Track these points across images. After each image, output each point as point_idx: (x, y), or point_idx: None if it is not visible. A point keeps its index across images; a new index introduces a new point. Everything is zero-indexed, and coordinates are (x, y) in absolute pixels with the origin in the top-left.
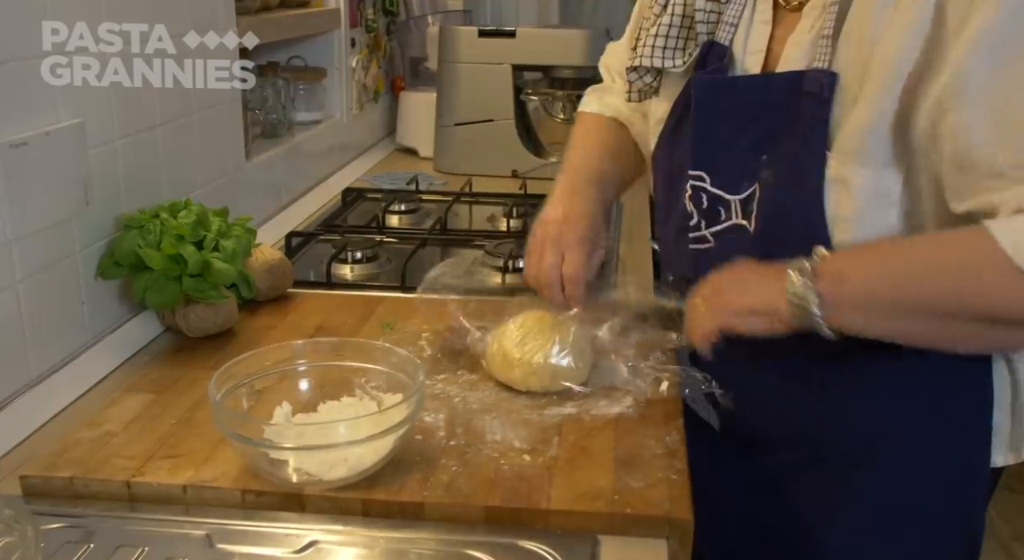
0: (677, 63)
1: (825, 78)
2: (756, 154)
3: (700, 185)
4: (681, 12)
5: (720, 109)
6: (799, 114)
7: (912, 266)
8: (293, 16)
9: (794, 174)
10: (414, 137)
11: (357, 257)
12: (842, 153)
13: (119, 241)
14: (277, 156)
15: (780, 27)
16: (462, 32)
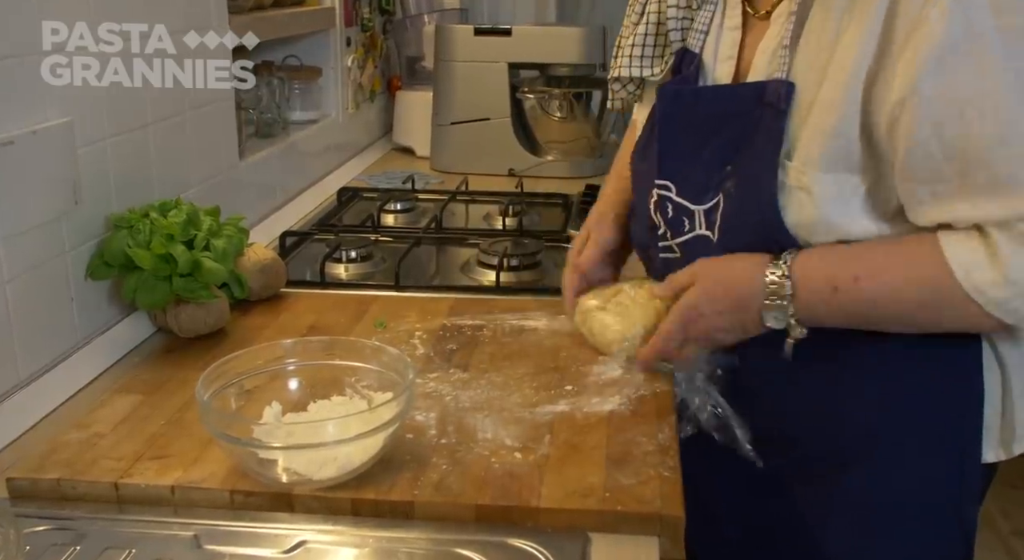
0: (655, 71)
1: (783, 88)
2: (721, 165)
3: (666, 194)
4: (655, 20)
5: (684, 120)
6: (759, 125)
7: (881, 317)
8: (287, 15)
9: (752, 185)
10: (411, 136)
11: (351, 256)
12: (802, 160)
13: (108, 241)
14: (272, 155)
15: (750, 34)
16: (458, 31)
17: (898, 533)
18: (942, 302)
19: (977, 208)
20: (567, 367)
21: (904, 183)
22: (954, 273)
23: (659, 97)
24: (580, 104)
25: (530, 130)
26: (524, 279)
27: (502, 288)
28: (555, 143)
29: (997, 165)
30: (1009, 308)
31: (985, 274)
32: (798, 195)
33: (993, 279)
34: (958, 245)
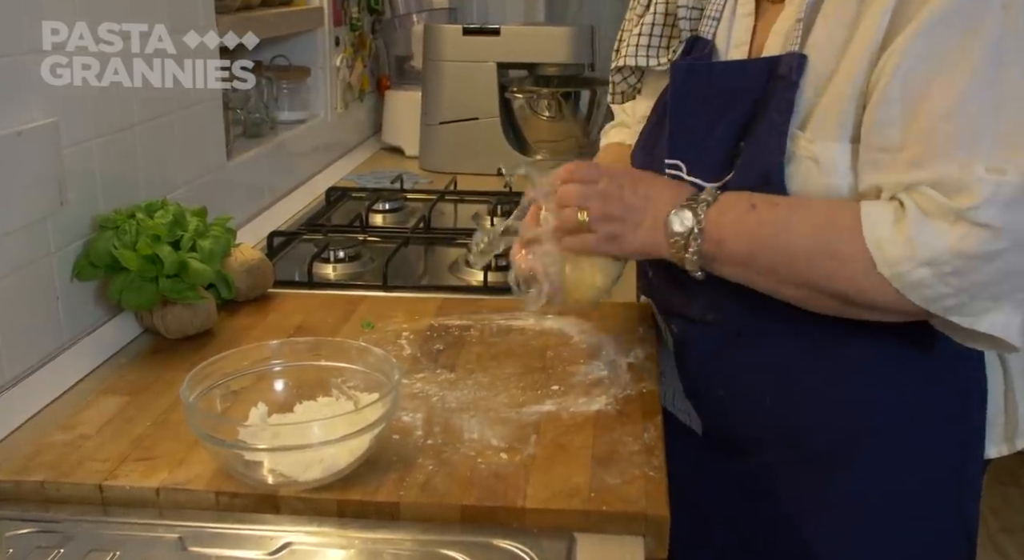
0: (661, 61)
1: (795, 61)
2: (733, 141)
3: (676, 174)
4: (663, 11)
5: (697, 96)
6: (771, 97)
7: (787, 242)
8: (275, 14)
9: (759, 155)
10: (400, 136)
11: (339, 256)
12: (815, 130)
13: (94, 242)
14: (260, 156)
15: (763, 19)
16: (447, 30)
17: (898, 532)
18: (841, 249)
19: (901, 174)
20: (554, 367)
21: (864, 148)
22: (862, 223)
23: (673, 72)
24: (569, 104)
25: (519, 130)
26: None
27: (490, 288)
28: (544, 142)
29: (942, 139)
30: (900, 269)
31: (887, 228)
32: (805, 164)
33: (892, 235)
34: (873, 205)
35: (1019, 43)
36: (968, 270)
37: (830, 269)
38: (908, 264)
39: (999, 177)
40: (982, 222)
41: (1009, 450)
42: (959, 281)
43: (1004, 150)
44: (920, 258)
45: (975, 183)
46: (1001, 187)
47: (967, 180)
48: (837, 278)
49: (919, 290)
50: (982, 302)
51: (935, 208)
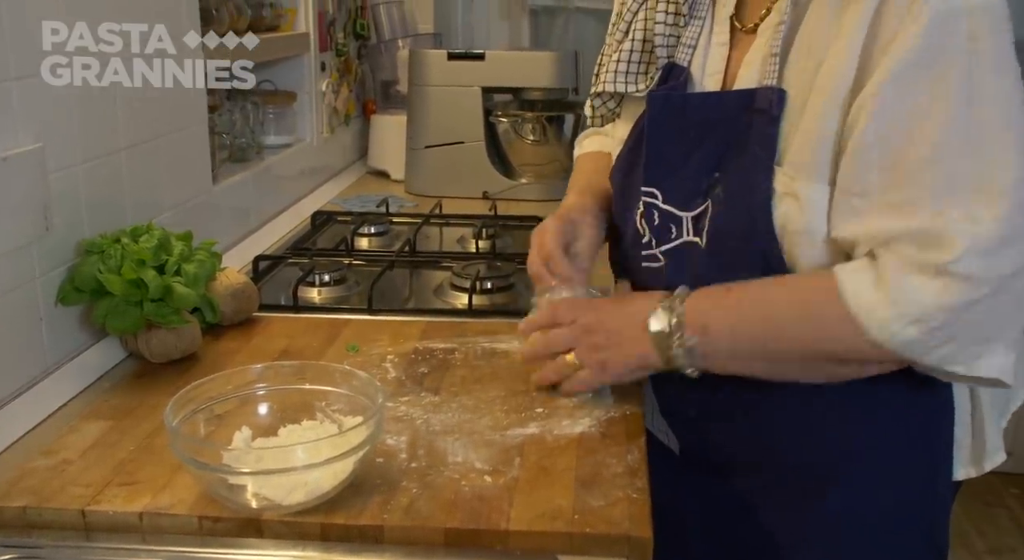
0: (640, 87)
1: (774, 95)
2: (708, 171)
3: (652, 202)
4: (642, 37)
5: (673, 126)
6: (750, 131)
7: (772, 315)
8: (262, 40)
9: (744, 190)
10: (386, 160)
11: (325, 280)
12: (792, 167)
13: (79, 266)
14: (245, 180)
15: (737, 49)
16: (432, 55)
17: (874, 553)
18: (827, 324)
19: (877, 223)
20: (538, 389)
21: (840, 191)
22: (842, 294)
23: (649, 102)
24: (553, 127)
25: (504, 153)
26: (497, 302)
27: (475, 311)
28: (529, 166)
29: (913, 189)
30: (890, 330)
31: (870, 294)
32: (787, 201)
33: (877, 299)
34: (850, 271)
35: (989, 77)
36: (954, 321)
37: (819, 337)
38: (897, 324)
39: (975, 226)
40: (963, 273)
41: (977, 472)
42: (947, 332)
43: (979, 196)
44: (908, 317)
45: (952, 235)
46: (978, 236)
47: (944, 232)
48: (829, 346)
49: (911, 346)
50: (974, 348)
51: (913, 264)
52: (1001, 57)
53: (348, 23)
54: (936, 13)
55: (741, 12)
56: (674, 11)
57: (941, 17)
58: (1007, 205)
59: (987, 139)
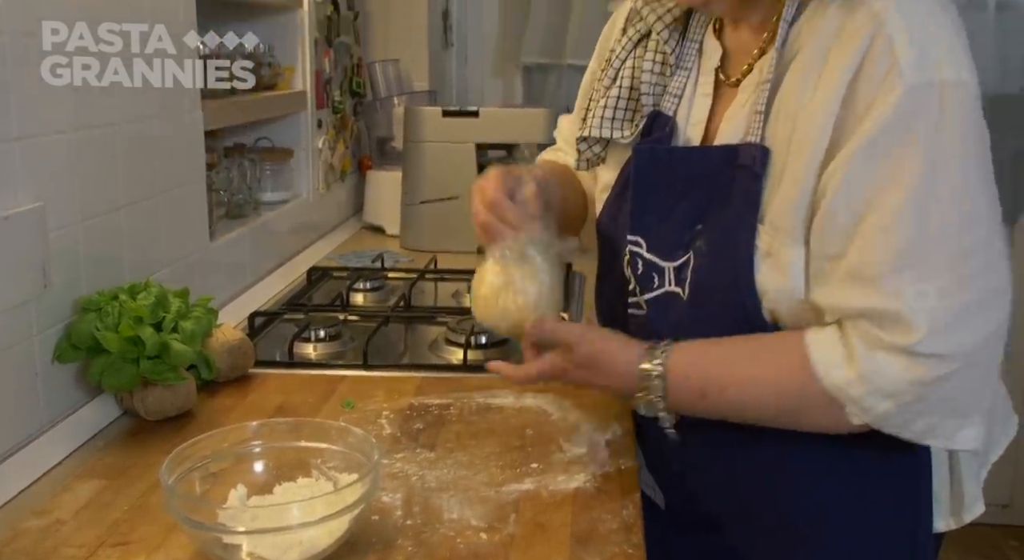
0: (625, 134)
1: (758, 152)
2: (691, 223)
3: (637, 250)
4: (629, 85)
5: (658, 178)
6: (733, 186)
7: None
8: (261, 99)
9: (727, 245)
10: (381, 215)
11: (320, 336)
12: (772, 227)
13: (77, 324)
14: (242, 236)
15: (720, 101)
16: (427, 112)
17: None
18: (807, 404)
19: (842, 296)
20: (533, 445)
21: (812, 255)
22: (816, 372)
23: (635, 155)
24: None
25: None
26: (491, 356)
27: (469, 366)
28: None
29: (871, 256)
30: (864, 406)
31: (842, 372)
32: (769, 260)
33: (849, 377)
34: (821, 345)
35: (954, 152)
36: (927, 396)
37: (798, 422)
38: (870, 400)
39: (926, 302)
40: (928, 353)
41: (956, 524)
42: (922, 407)
43: (929, 271)
44: (880, 392)
45: (911, 315)
46: (934, 314)
47: (902, 312)
48: (807, 425)
49: (887, 420)
50: (952, 421)
51: (878, 344)
52: (969, 132)
53: (345, 81)
54: (909, 86)
55: (726, 65)
56: (661, 61)
57: (914, 90)
58: (953, 279)
59: (944, 212)
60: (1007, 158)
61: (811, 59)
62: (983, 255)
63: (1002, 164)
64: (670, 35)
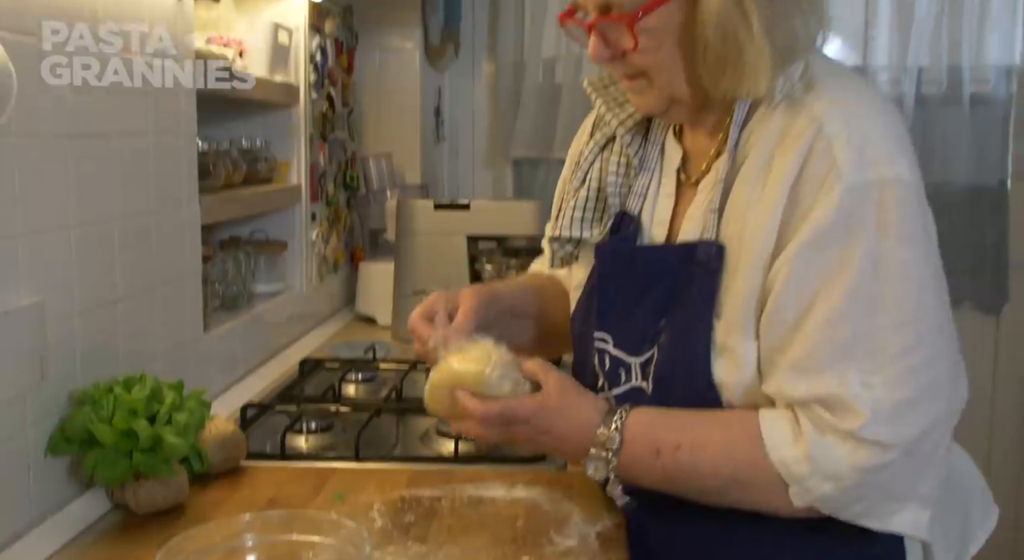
0: (594, 233)
1: (713, 249)
2: (656, 319)
3: (604, 347)
4: (596, 186)
5: (621, 276)
6: (691, 283)
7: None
8: (257, 193)
9: (686, 340)
10: (373, 306)
11: (312, 428)
12: (727, 322)
13: (71, 416)
14: (236, 328)
15: (682, 200)
16: (419, 205)
17: None
18: (754, 477)
19: (789, 384)
20: (524, 537)
21: (762, 348)
22: (765, 447)
23: (597, 254)
24: None
25: None
26: (482, 448)
27: (461, 458)
28: None
29: (817, 349)
30: (807, 486)
31: (790, 450)
32: (725, 354)
33: (796, 455)
34: (773, 422)
35: (894, 247)
36: (866, 481)
37: (744, 497)
38: (812, 480)
39: (869, 392)
40: (871, 439)
41: None
42: (860, 491)
43: (871, 362)
44: (823, 474)
45: (856, 401)
46: (877, 403)
47: (847, 398)
48: (751, 501)
49: (827, 502)
50: (887, 504)
51: (826, 427)
52: (909, 228)
53: (339, 175)
54: (848, 185)
55: (686, 166)
56: (625, 163)
57: (853, 189)
58: (896, 371)
59: (885, 307)
60: (987, 248)
61: (759, 160)
62: (927, 349)
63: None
64: (632, 139)
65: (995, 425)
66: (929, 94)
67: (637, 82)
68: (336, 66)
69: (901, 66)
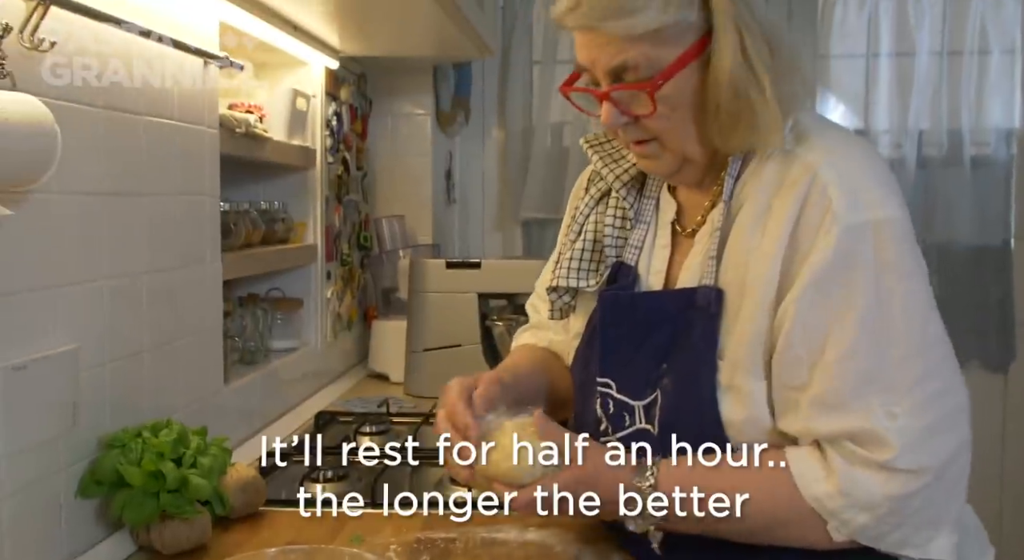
0: (591, 283)
1: (712, 294)
2: (657, 363)
3: (607, 391)
4: (592, 238)
5: (622, 322)
6: (692, 327)
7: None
8: (274, 252)
9: (691, 382)
10: (386, 363)
11: (328, 476)
12: (731, 363)
13: (101, 460)
14: (254, 381)
15: (677, 251)
16: (431, 264)
17: None
18: (793, 516)
19: (814, 422)
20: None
21: (776, 387)
22: (797, 485)
23: (600, 301)
24: None
25: (499, 355)
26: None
27: (474, 504)
28: None
29: (836, 384)
30: (843, 518)
31: (822, 486)
32: (731, 394)
33: (828, 491)
34: (801, 460)
35: (894, 282)
36: (902, 509)
37: (781, 534)
38: (848, 513)
39: (895, 422)
40: (903, 468)
41: None
42: (896, 519)
43: (894, 395)
44: (857, 506)
45: (886, 433)
46: (905, 433)
47: (877, 431)
48: (794, 538)
49: (865, 533)
50: (924, 531)
51: (857, 460)
52: (907, 263)
53: (353, 235)
54: (845, 227)
55: (681, 218)
56: (621, 216)
57: (849, 230)
58: (916, 400)
59: (898, 340)
60: (992, 307)
61: (756, 208)
62: (940, 377)
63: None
64: (628, 192)
65: (1005, 483)
66: (930, 156)
67: (648, 147)
68: (351, 131)
69: (902, 129)
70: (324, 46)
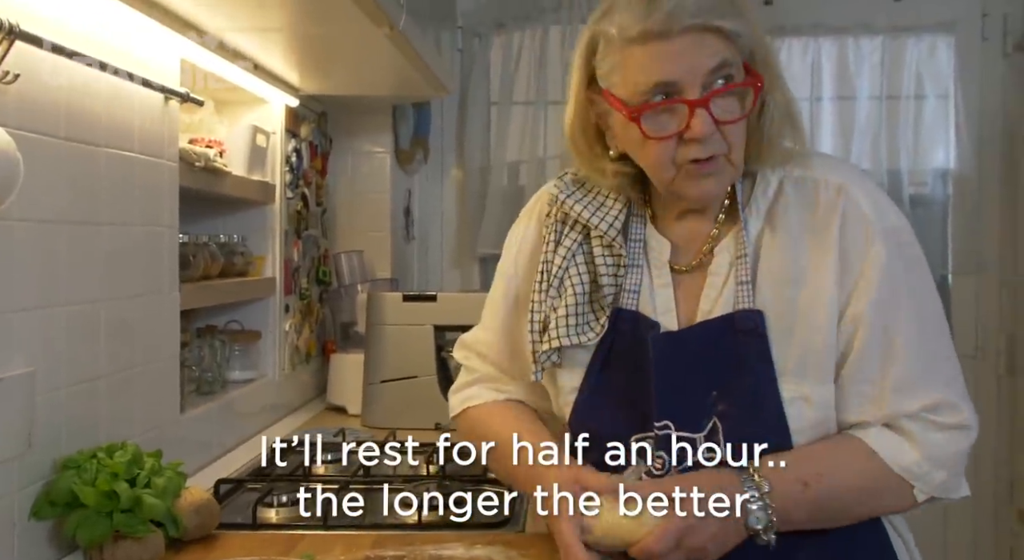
0: (590, 337)
1: (757, 317)
2: (707, 392)
3: (667, 433)
4: (583, 291)
5: (674, 361)
6: (743, 350)
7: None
8: (232, 284)
9: (753, 402)
10: (343, 396)
11: (282, 501)
12: (796, 376)
13: (56, 481)
14: (210, 411)
15: (680, 288)
16: (388, 298)
17: None
18: (884, 486)
19: (898, 405)
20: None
21: (849, 385)
22: (883, 459)
23: (652, 343)
24: None
25: None
26: (445, 517)
27: (424, 525)
28: None
29: (912, 369)
30: (927, 480)
31: (908, 455)
32: (798, 404)
33: (915, 458)
34: (877, 437)
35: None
36: (964, 459)
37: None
38: (933, 474)
39: (956, 388)
40: (970, 424)
41: None
42: (960, 469)
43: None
44: (938, 466)
45: (956, 399)
46: (964, 395)
47: (948, 399)
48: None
49: (943, 487)
50: (962, 477)
51: (934, 427)
52: (921, 257)
53: (312, 270)
54: (882, 234)
55: (676, 257)
56: (615, 263)
57: (886, 235)
58: (956, 368)
59: (934, 321)
60: None
61: (791, 230)
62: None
63: None
64: (615, 237)
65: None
66: None
67: (714, 163)
68: (311, 168)
69: None
70: (284, 84)
